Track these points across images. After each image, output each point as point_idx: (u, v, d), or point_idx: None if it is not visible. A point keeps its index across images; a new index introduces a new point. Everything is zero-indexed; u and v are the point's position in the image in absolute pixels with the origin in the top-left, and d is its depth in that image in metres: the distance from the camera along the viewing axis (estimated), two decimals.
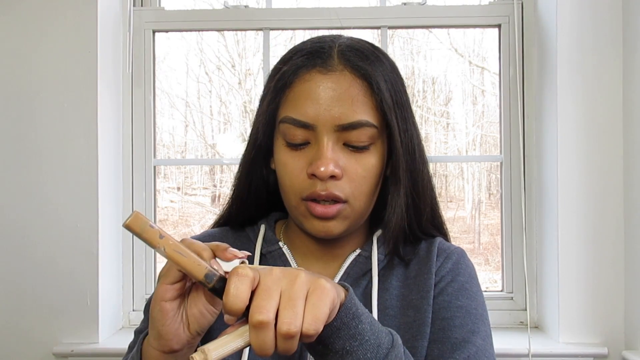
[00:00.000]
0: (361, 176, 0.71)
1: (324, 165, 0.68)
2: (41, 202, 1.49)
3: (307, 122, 0.70)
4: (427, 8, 1.64)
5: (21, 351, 1.48)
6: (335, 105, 0.69)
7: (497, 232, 1.74)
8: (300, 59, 0.73)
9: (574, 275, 1.45)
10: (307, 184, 0.71)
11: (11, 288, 1.49)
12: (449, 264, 0.79)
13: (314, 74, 0.71)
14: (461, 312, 0.74)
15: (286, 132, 0.72)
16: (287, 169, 0.72)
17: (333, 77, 0.70)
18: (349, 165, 0.71)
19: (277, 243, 0.80)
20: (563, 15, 1.46)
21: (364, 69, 0.71)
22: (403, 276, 0.78)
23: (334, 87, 0.70)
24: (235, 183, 0.81)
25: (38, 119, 1.49)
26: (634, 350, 1.40)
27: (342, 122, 0.69)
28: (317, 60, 0.72)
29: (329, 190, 0.69)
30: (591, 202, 1.46)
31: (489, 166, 2.48)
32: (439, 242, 0.82)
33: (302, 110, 0.70)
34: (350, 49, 0.73)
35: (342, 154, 0.71)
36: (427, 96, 2.40)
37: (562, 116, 1.46)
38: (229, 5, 1.67)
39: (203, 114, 2.25)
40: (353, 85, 0.70)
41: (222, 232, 0.84)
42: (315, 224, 0.72)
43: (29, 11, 1.50)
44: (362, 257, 0.78)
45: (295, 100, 0.71)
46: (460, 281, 0.77)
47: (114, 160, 1.59)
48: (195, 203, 2.64)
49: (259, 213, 0.83)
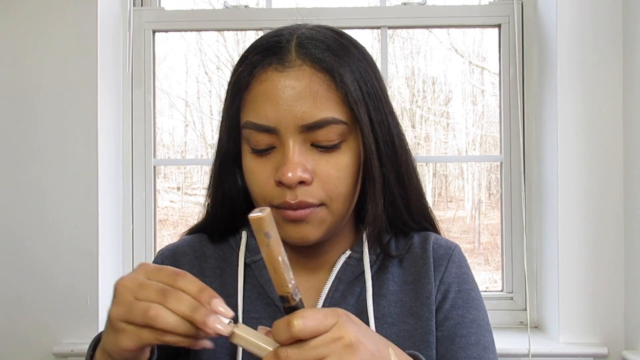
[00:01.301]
0: (335, 177, 0.66)
1: (291, 171, 0.63)
2: (41, 202, 1.49)
3: (268, 125, 0.64)
4: (427, 8, 1.64)
5: (21, 351, 1.48)
6: (296, 105, 0.63)
7: (497, 232, 1.74)
8: (256, 57, 0.67)
9: (574, 275, 1.45)
10: (276, 192, 0.65)
11: (11, 288, 1.49)
12: (453, 268, 0.76)
13: (270, 73, 0.65)
14: (474, 326, 0.73)
15: (249, 137, 0.66)
16: (253, 177, 0.67)
17: (291, 73, 0.64)
18: (319, 167, 0.65)
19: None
20: (563, 15, 1.46)
21: (325, 61, 0.65)
22: (400, 280, 0.74)
23: (293, 85, 0.64)
24: (209, 193, 0.76)
25: (38, 119, 1.49)
26: (634, 350, 1.40)
27: (306, 122, 0.63)
28: (273, 57, 0.65)
29: (299, 198, 0.64)
30: (591, 202, 1.46)
31: (489, 166, 2.48)
32: (434, 239, 0.78)
33: (261, 113, 0.64)
34: (310, 40, 0.66)
35: (310, 156, 0.65)
36: (427, 96, 2.40)
37: (562, 116, 1.46)
38: (229, 5, 1.67)
39: (203, 114, 2.25)
40: (314, 80, 0.64)
41: (201, 241, 0.79)
42: (289, 230, 0.67)
43: (29, 11, 1.50)
44: (352, 259, 0.74)
45: (254, 103, 0.66)
46: (467, 290, 0.75)
47: (114, 160, 1.59)
48: (195, 203, 2.64)
49: (239, 219, 0.77)
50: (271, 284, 0.70)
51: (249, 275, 0.74)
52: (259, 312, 0.72)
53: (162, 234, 2.26)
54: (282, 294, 0.50)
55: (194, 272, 0.72)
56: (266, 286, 0.73)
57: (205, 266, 0.76)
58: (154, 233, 1.68)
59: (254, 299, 0.73)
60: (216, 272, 0.76)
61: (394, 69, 2.14)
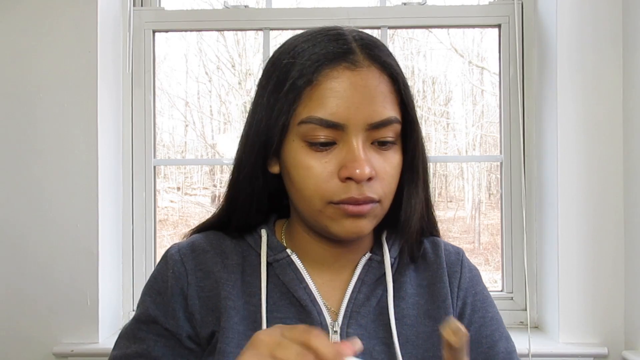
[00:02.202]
0: (390, 175, 0.68)
1: (360, 168, 0.64)
2: (41, 202, 1.49)
3: (337, 122, 0.65)
4: (427, 8, 1.64)
5: (21, 351, 1.48)
6: (366, 104, 0.65)
7: (497, 232, 1.74)
8: (319, 53, 0.67)
9: (574, 275, 1.45)
10: (340, 188, 0.65)
11: (11, 288, 1.49)
12: (466, 273, 0.79)
13: (342, 71, 0.65)
14: (495, 323, 0.78)
15: (308, 132, 0.66)
16: (311, 173, 0.66)
17: (362, 73, 0.66)
18: (379, 164, 0.67)
19: (285, 250, 0.74)
20: (563, 15, 1.46)
21: (390, 65, 0.68)
22: (416, 283, 0.76)
23: (364, 84, 0.65)
24: (234, 187, 0.74)
25: (38, 119, 1.49)
26: (634, 350, 1.40)
27: (374, 120, 0.65)
28: (341, 56, 0.66)
29: (365, 194, 0.65)
30: (591, 202, 1.46)
31: (489, 166, 2.48)
32: (443, 244, 0.81)
33: (331, 109, 0.65)
34: (371, 43, 0.69)
35: (370, 153, 0.67)
36: (427, 96, 2.40)
37: (562, 116, 1.46)
38: (229, 5, 1.67)
39: (203, 114, 2.25)
40: (382, 81, 0.67)
41: (217, 238, 0.77)
42: (347, 224, 0.67)
43: (29, 11, 1.50)
44: (374, 261, 0.75)
45: (322, 99, 0.65)
46: (480, 291, 0.79)
47: (114, 160, 1.59)
48: (195, 203, 2.64)
49: (259, 218, 0.77)
50: (295, 282, 0.71)
51: (270, 275, 0.73)
52: (283, 312, 0.71)
53: (162, 234, 2.26)
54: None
55: (217, 268, 0.72)
56: (290, 285, 0.72)
57: (227, 262, 0.74)
58: (154, 233, 1.68)
59: (277, 299, 0.72)
60: (238, 269, 0.74)
61: None
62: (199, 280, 0.72)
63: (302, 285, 0.71)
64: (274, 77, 0.69)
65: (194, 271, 0.72)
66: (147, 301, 0.73)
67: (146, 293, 0.74)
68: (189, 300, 0.71)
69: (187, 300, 0.71)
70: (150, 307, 0.72)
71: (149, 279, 0.76)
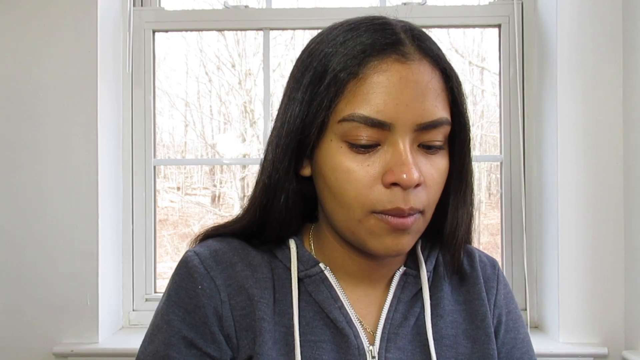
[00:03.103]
0: (436, 182, 0.61)
1: (408, 173, 0.56)
2: (41, 202, 1.49)
3: (384, 121, 0.57)
4: (427, 8, 1.64)
5: (21, 351, 1.48)
6: (418, 101, 0.58)
7: (497, 232, 1.73)
8: (365, 43, 0.59)
9: (574, 275, 1.45)
10: (385, 196, 0.58)
11: (11, 288, 1.49)
12: (502, 288, 0.74)
13: (391, 64, 0.58)
14: (525, 345, 0.74)
15: (350, 132, 0.58)
16: (352, 177, 0.58)
17: (413, 67, 0.58)
18: (426, 170, 0.59)
19: (318, 265, 0.66)
20: (563, 15, 1.46)
21: (441, 58, 0.61)
22: (453, 299, 0.71)
23: (416, 80, 0.58)
24: (265, 193, 0.65)
25: (38, 119, 1.49)
26: (634, 350, 1.40)
27: (425, 121, 0.58)
28: (390, 47, 0.59)
29: (411, 204, 0.58)
30: (591, 202, 1.46)
31: (489, 166, 2.48)
32: (478, 255, 0.75)
33: (378, 106, 0.57)
34: (421, 34, 0.62)
35: (418, 157, 0.59)
36: None
37: (562, 116, 1.46)
38: (229, 5, 1.67)
39: (203, 114, 2.25)
40: (434, 77, 0.59)
41: (243, 247, 0.67)
42: (388, 240, 0.59)
43: (29, 11, 1.50)
44: (409, 276, 0.68)
45: (368, 95, 0.57)
46: (513, 310, 0.75)
47: (114, 160, 1.59)
48: (195, 203, 2.64)
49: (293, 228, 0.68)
50: (329, 301, 0.64)
51: (302, 291, 0.65)
52: (318, 335, 0.64)
53: (162, 234, 2.26)
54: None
55: (249, 284, 0.64)
56: (324, 305, 0.65)
57: (258, 277, 0.65)
58: (154, 233, 1.68)
59: (310, 319, 0.64)
60: (270, 284, 0.65)
61: None
62: (231, 297, 0.63)
63: (337, 305, 0.65)
64: (311, 68, 0.61)
65: (224, 287, 0.63)
66: (174, 321, 0.63)
67: (170, 311, 0.63)
68: (224, 322, 0.63)
69: (222, 321, 0.63)
70: (183, 328, 0.62)
71: (170, 295, 0.65)
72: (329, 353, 0.63)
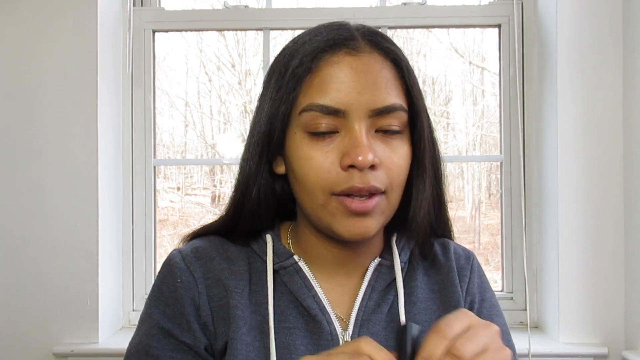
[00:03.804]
0: (397, 165, 0.64)
1: (362, 154, 0.60)
2: (41, 202, 1.49)
3: (338, 108, 0.62)
4: (427, 8, 1.64)
5: (21, 351, 1.48)
6: (368, 89, 0.62)
7: (497, 232, 1.74)
8: (320, 42, 0.65)
9: (574, 275, 1.45)
10: (342, 178, 0.62)
11: (11, 288, 1.49)
12: (475, 277, 0.76)
13: (342, 56, 0.63)
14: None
15: (309, 121, 0.63)
16: (313, 163, 0.63)
17: (363, 58, 0.64)
18: (384, 153, 0.63)
19: (292, 257, 0.70)
20: (563, 15, 1.46)
21: (393, 51, 0.66)
22: (427, 287, 0.73)
23: (366, 70, 0.63)
24: (239, 190, 0.70)
25: (38, 119, 1.49)
26: (634, 350, 1.40)
27: (377, 106, 0.62)
28: (341, 42, 0.64)
29: (369, 182, 0.61)
30: (591, 202, 1.46)
31: (489, 166, 2.47)
32: (453, 247, 0.78)
33: (331, 95, 0.62)
34: (373, 32, 0.67)
35: (374, 142, 0.63)
36: (427, 96, 2.40)
37: (562, 116, 1.46)
38: (229, 5, 1.67)
39: (203, 114, 2.25)
40: (385, 67, 0.64)
41: (221, 243, 0.72)
42: (350, 223, 0.63)
43: (29, 11, 1.50)
44: (383, 266, 0.71)
45: (322, 86, 0.63)
46: (488, 298, 0.77)
47: (114, 160, 1.59)
48: (195, 203, 2.64)
49: (266, 223, 0.73)
50: (303, 290, 0.68)
51: (277, 282, 0.69)
52: (292, 322, 0.68)
53: (162, 234, 2.26)
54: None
55: (225, 275, 0.68)
56: (298, 294, 0.69)
57: (234, 269, 0.70)
58: (154, 233, 1.68)
59: (284, 308, 0.68)
60: (245, 276, 0.70)
61: None
62: (209, 288, 0.68)
63: (310, 294, 0.68)
64: (276, 70, 0.67)
65: (202, 279, 0.68)
66: (155, 314, 0.68)
67: (152, 305, 0.69)
68: (202, 311, 0.67)
69: (199, 310, 0.67)
70: (162, 320, 0.67)
71: (153, 290, 0.71)
72: (303, 339, 0.67)
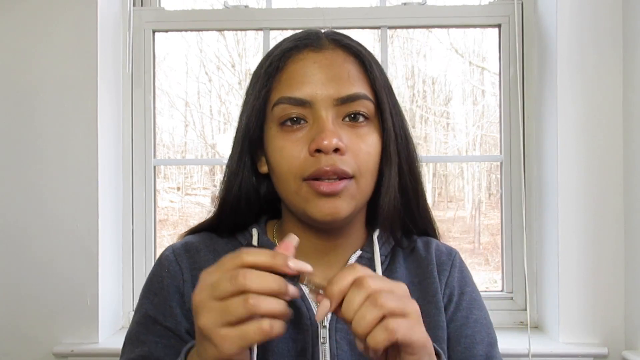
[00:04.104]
0: (365, 152, 0.69)
1: (327, 139, 0.65)
2: (41, 202, 1.49)
3: (304, 99, 0.68)
4: (427, 8, 1.64)
5: (21, 351, 1.48)
6: (332, 80, 0.68)
7: (497, 232, 1.74)
8: (290, 43, 0.72)
9: (574, 275, 1.45)
10: (310, 162, 0.67)
11: (11, 288, 1.49)
12: (455, 272, 0.79)
13: (306, 53, 0.70)
14: (478, 326, 0.77)
15: (280, 114, 0.69)
16: (284, 152, 0.69)
17: (326, 54, 0.70)
18: (351, 140, 0.68)
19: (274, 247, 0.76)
20: (563, 15, 1.46)
21: (355, 47, 0.72)
22: (407, 280, 0.76)
23: (328, 63, 0.69)
24: (222, 187, 0.77)
25: (38, 119, 1.49)
26: (634, 350, 1.40)
27: (341, 95, 0.68)
28: (306, 42, 0.71)
29: (335, 164, 0.66)
30: (591, 202, 1.45)
31: (489, 166, 2.47)
32: (435, 244, 0.82)
33: (297, 88, 0.68)
34: (336, 33, 0.74)
35: (342, 130, 0.68)
36: (427, 96, 2.40)
37: (562, 116, 1.46)
38: (229, 5, 1.67)
39: (203, 114, 2.25)
40: (347, 61, 0.70)
41: (210, 237, 0.78)
42: (321, 204, 0.67)
43: (29, 11, 1.50)
44: (364, 259, 0.75)
45: (290, 80, 0.69)
46: (469, 292, 0.79)
47: (114, 160, 1.59)
48: (195, 203, 2.64)
49: (250, 219, 0.79)
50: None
51: None
52: None
53: (162, 234, 2.26)
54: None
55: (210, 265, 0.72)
56: None
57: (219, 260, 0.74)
58: (154, 233, 1.68)
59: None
60: None
61: (393, 69, 2.13)
62: (194, 277, 0.72)
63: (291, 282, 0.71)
64: (254, 76, 0.75)
65: (188, 269, 0.74)
66: (145, 303, 0.74)
67: (143, 296, 0.76)
68: (186, 297, 0.72)
69: (183, 297, 0.73)
70: (149, 309, 0.73)
71: (145, 282, 0.77)
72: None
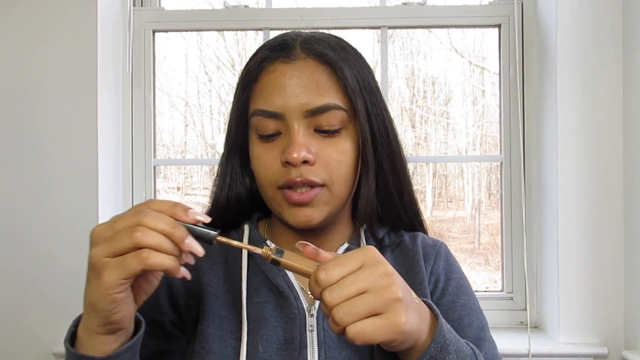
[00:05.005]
0: (336, 160, 0.71)
1: (296, 151, 0.68)
2: (41, 202, 1.49)
3: (275, 111, 0.70)
4: (427, 8, 1.64)
5: (21, 351, 1.48)
6: (301, 92, 0.70)
7: (497, 232, 1.74)
8: (264, 53, 0.74)
9: (574, 275, 1.45)
10: (282, 173, 0.71)
11: (11, 288, 1.49)
12: (441, 261, 0.82)
13: (278, 65, 0.72)
14: (466, 310, 0.78)
15: (257, 125, 0.72)
16: (260, 161, 0.73)
17: (297, 65, 0.72)
18: (322, 149, 0.71)
19: (265, 242, 0.79)
20: (563, 15, 1.46)
21: (327, 55, 0.72)
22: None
23: (298, 75, 0.71)
24: (214, 186, 0.82)
25: (38, 119, 1.49)
26: (634, 350, 1.40)
27: (310, 107, 0.70)
28: (280, 52, 0.73)
29: (304, 176, 0.69)
30: (591, 202, 1.46)
31: (489, 166, 2.47)
32: (422, 237, 0.84)
33: (269, 100, 0.71)
34: (312, 39, 0.74)
35: (313, 140, 0.71)
36: (427, 96, 2.40)
37: (562, 116, 1.46)
38: (229, 5, 1.67)
39: (203, 114, 2.25)
40: (317, 71, 0.71)
41: None
42: (293, 213, 0.72)
43: (29, 11, 1.50)
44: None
45: (262, 92, 0.72)
46: (455, 278, 0.81)
47: (114, 160, 1.59)
48: (195, 203, 2.64)
49: (241, 217, 0.83)
50: (274, 270, 0.76)
51: (252, 265, 0.77)
52: (263, 297, 0.75)
53: None
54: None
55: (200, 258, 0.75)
56: (269, 273, 0.76)
57: (210, 254, 0.78)
58: None
59: (257, 285, 0.76)
60: (221, 260, 0.79)
61: (394, 69, 2.13)
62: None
63: (280, 274, 0.76)
64: (237, 84, 0.78)
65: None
66: None
67: None
68: (174, 289, 0.77)
69: (172, 289, 0.77)
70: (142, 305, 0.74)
71: None
72: (272, 312, 0.74)
